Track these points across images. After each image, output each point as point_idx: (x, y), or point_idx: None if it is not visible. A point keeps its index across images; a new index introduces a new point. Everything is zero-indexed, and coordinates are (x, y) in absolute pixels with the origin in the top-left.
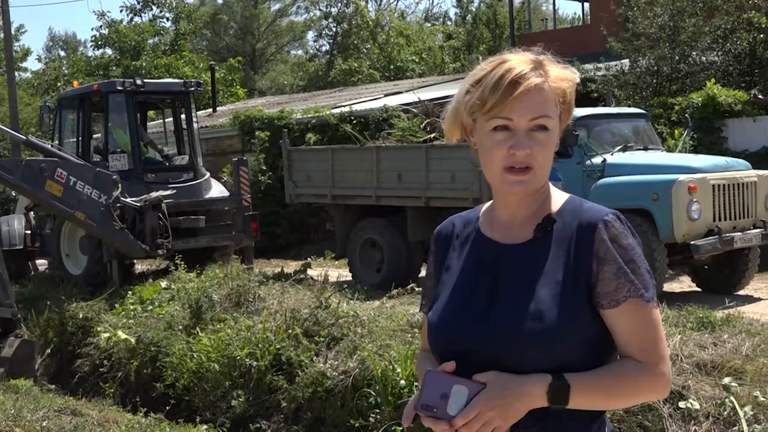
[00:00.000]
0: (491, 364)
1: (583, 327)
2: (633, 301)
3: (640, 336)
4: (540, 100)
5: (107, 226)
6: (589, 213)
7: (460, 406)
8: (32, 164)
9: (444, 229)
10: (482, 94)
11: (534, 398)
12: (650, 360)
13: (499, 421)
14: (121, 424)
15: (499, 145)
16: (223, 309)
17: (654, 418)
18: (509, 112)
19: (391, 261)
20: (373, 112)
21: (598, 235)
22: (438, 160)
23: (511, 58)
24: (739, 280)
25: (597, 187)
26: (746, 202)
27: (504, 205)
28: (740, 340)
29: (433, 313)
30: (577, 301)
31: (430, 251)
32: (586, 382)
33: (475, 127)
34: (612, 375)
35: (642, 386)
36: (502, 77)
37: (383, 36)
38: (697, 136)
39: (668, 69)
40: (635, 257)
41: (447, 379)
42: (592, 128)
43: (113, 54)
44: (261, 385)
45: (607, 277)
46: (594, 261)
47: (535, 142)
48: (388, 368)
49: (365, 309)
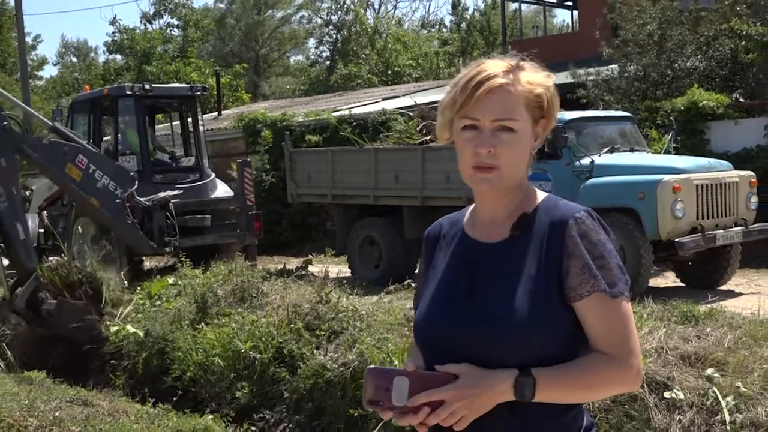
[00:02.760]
0: (469, 358)
1: (556, 321)
2: (597, 296)
3: (607, 330)
4: (504, 101)
5: (120, 218)
6: (562, 210)
7: (404, 395)
8: (56, 145)
9: (433, 230)
10: (454, 94)
11: (501, 392)
12: (619, 353)
13: (465, 411)
14: (130, 414)
15: (467, 143)
16: (227, 304)
17: (640, 408)
18: (474, 111)
19: (389, 258)
20: (371, 115)
21: (569, 232)
22: (433, 162)
23: (488, 62)
24: (722, 276)
25: (585, 187)
26: (728, 201)
27: (482, 205)
28: (722, 333)
29: (418, 310)
30: (549, 296)
31: (422, 252)
32: (553, 376)
33: (452, 127)
34: (579, 369)
35: (610, 379)
36: (471, 78)
37: (381, 42)
38: (681, 138)
39: (656, 75)
40: (605, 253)
41: (387, 373)
42: (581, 131)
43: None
44: (264, 377)
45: (573, 272)
46: (564, 256)
47: (500, 141)
48: (386, 360)
49: (364, 304)
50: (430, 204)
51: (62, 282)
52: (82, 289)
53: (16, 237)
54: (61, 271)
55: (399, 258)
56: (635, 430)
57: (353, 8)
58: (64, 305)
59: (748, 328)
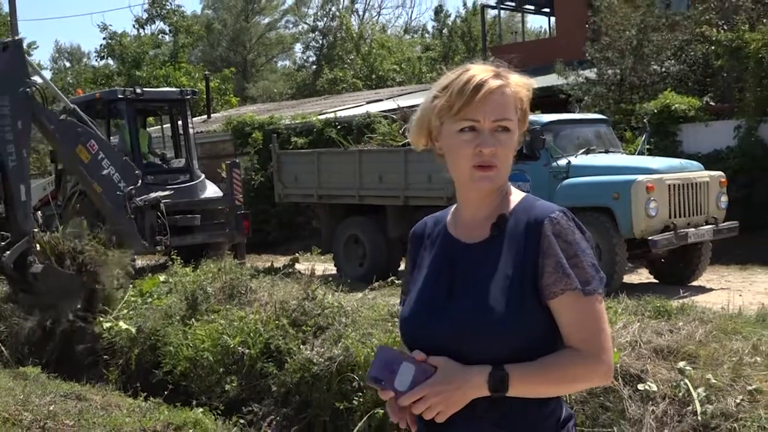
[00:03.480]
0: (449, 353)
1: (531, 318)
2: (570, 294)
3: (580, 326)
4: (502, 102)
5: (119, 211)
6: (538, 210)
7: (406, 381)
8: (72, 124)
9: (418, 229)
10: (449, 98)
11: (475, 387)
12: (590, 349)
13: (442, 406)
14: (123, 407)
15: (466, 144)
16: (217, 301)
17: (615, 400)
18: (475, 113)
19: (373, 256)
20: (356, 118)
21: (544, 231)
22: (415, 163)
23: (474, 66)
24: (693, 272)
25: (562, 187)
26: (699, 201)
27: (465, 205)
28: (694, 327)
29: (404, 308)
30: (525, 294)
31: (407, 250)
32: (525, 372)
33: (442, 130)
34: (551, 364)
35: (581, 374)
36: (468, 82)
37: (366, 48)
38: (654, 140)
39: (636, 79)
40: (579, 252)
41: (397, 356)
42: (558, 133)
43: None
44: (252, 371)
45: (547, 271)
46: (539, 255)
47: (499, 142)
48: (370, 355)
49: (349, 300)
50: (413, 203)
51: (51, 251)
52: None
53: (18, 198)
54: (53, 241)
55: (383, 256)
56: (610, 420)
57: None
58: (50, 271)
59: (718, 323)
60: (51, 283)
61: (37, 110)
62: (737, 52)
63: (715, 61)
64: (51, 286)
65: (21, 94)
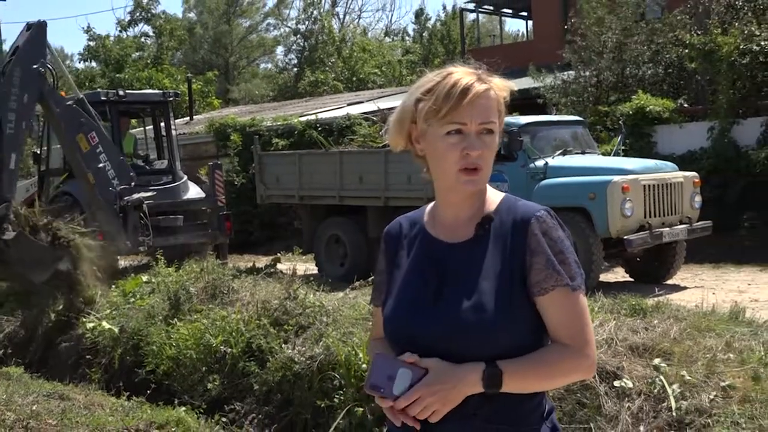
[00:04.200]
0: (440, 353)
1: (520, 315)
2: (560, 290)
3: (567, 321)
4: (487, 105)
5: (109, 206)
6: (522, 210)
7: (405, 387)
8: (76, 112)
9: (392, 229)
10: (436, 101)
11: (470, 384)
12: (576, 344)
13: (437, 405)
14: (105, 407)
15: (452, 147)
16: (199, 301)
17: (591, 396)
18: (462, 117)
19: (354, 256)
20: (336, 120)
21: (531, 230)
22: (395, 164)
23: (456, 70)
24: (668, 271)
25: (539, 187)
26: (673, 201)
27: (447, 206)
28: (669, 324)
29: (387, 308)
30: (513, 292)
31: (381, 250)
32: (517, 368)
33: (427, 133)
34: (541, 360)
35: (568, 368)
36: (454, 86)
37: (347, 51)
38: (630, 141)
39: (613, 79)
40: (564, 249)
41: (394, 362)
42: (535, 134)
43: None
44: (234, 370)
45: (537, 268)
46: (527, 253)
47: (484, 144)
48: (351, 353)
49: (330, 299)
50: (393, 204)
51: (27, 222)
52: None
53: (7, 164)
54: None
55: (363, 256)
56: (587, 417)
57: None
58: (23, 239)
59: (693, 320)
60: (22, 252)
61: (46, 91)
62: (710, 56)
63: (689, 64)
64: (22, 255)
65: (33, 71)
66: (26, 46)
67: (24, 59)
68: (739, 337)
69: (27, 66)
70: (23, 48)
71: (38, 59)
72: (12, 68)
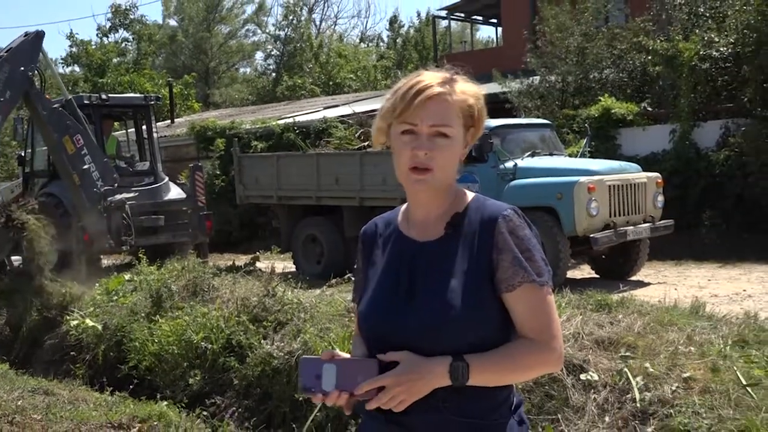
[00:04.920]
0: (411, 348)
1: (487, 311)
2: (527, 286)
3: (534, 316)
4: (441, 109)
5: (92, 206)
6: (490, 209)
7: (332, 380)
8: (63, 115)
9: (368, 229)
10: (394, 101)
11: (437, 377)
12: (543, 338)
13: (404, 395)
14: (89, 402)
15: (404, 146)
16: (180, 298)
17: (559, 388)
18: (413, 117)
19: (330, 254)
20: (313, 123)
21: (498, 228)
22: (370, 165)
23: (426, 73)
24: (632, 268)
25: (509, 188)
26: (637, 200)
27: (416, 205)
28: (633, 319)
29: (361, 305)
30: (482, 289)
31: (358, 249)
32: (484, 362)
33: (389, 131)
34: (507, 354)
35: (535, 362)
36: (411, 87)
37: (324, 56)
38: (595, 143)
39: (575, 85)
40: (530, 246)
41: (317, 362)
42: (505, 137)
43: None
44: (215, 366)
45: (504, 265)
46: (494, 251)
47: (435, 146)
48: (328, 348)
49: (307, 297)
50: (368, 204)
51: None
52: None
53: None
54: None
55: (339, 254)
56: (555, 408)
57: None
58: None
59: (656, 315)
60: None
61: (34, 93)
62: (672, 61)
63: (652, 69)
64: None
65: (20, 72)
66: (20, 47)
67: (13, 60)
68: (700, 331)
69: (15, 66)
70: (16, 49)
71: (27, 63)
72: (1, 64)
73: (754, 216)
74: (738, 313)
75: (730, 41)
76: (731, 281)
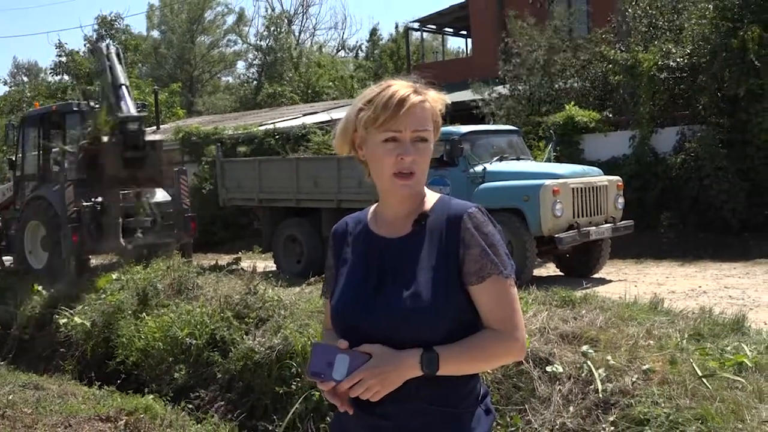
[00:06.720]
0: (381, 341)
1: (456, 304)
2: (494, 278)
3: (499, 307)
4: (422, 115)
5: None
6: (456, 207)
7: (343, 371)
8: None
9: (339, 227)
10: (375, 111)
11: (409, 368)
12: (507, 328)
13: (378, 386)
14: (78, 395)
15: (389, 153)
16: (166, 296)
17: (526, 380)
18: (398, 125)
19: (309, 254)
20: (293, 129)
21: (464, 225)
22: (347, 169)
23: (395, 82)
24: (594, 266)
25: (479, 190)
26: (599, 202)
27: (388, 206)
28: (595, 314)
29: (333, 300)
30: (449, 282)
31: (329, 246)
32: (452, 352)
33: (367, 140)
34: (474, 344)
35: (500, 351)
36: (392, 97)
37: (303, 66)
38: (560, 148)
39: (542, 94)
40: (495, 242)
41: (332, 349)
42: (475, 142)
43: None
44: (199, 360)
45: (472, 259)
46: (461, 246)
47: (418, 150)
48: (307, 343)
49: (288, 294)
50: (345, 206)
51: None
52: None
53: None
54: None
55: (318, 253)
56: (522, 399)
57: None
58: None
59: (617, 310)
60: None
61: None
62: (632, 70)
63: (613, 78)
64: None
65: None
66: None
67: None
68: (658, 325)
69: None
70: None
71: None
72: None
73: (709, 216)
74: (694, 309)
75: (686, 52)
76: (688, 278)
